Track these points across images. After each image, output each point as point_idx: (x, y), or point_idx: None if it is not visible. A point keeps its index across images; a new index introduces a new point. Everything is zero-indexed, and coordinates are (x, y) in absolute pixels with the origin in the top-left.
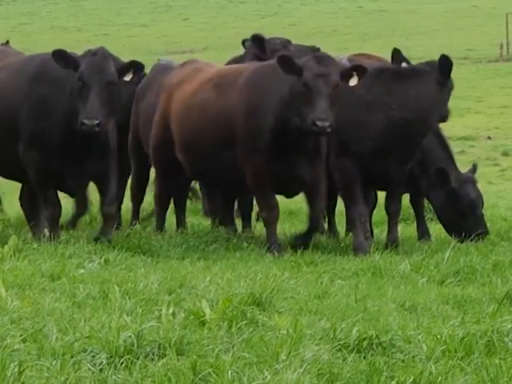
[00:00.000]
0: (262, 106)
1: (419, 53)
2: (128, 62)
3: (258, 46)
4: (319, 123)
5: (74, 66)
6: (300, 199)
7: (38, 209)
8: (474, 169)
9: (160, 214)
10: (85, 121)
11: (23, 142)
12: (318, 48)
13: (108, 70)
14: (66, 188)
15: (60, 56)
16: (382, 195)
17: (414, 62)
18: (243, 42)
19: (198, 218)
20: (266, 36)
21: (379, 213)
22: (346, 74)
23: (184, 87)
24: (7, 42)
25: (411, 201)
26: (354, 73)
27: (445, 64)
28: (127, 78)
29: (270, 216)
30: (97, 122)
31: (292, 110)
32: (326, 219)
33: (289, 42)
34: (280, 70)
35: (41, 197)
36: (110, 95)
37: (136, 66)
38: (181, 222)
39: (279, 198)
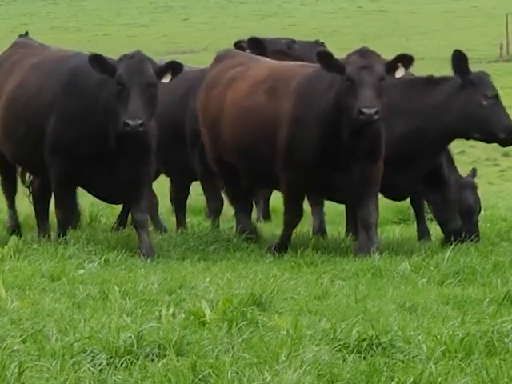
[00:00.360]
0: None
1: (419, 53)
2: (166, 63)
3: (255, 48)
4: (365, 110)
5: (110, 71)
6: None
7: (46, 208)
8: (474, 173)
9: (243, 209)
10: (128, 121)
11: (49, 145)
12: (322, 43)
13: (147, 72)
14: (101, 196)
15: (97, 61)
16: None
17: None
18: (235, 44)
19: (198, 219)
20: (267, 36)
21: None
22: (392, 67)
23: (237, 87)
24: (26, 34)
25: (411, 201)
26: (400, 64)
27: (459, 61)
28: (166, 79)
29: (293, 221)
30: (140, 121)
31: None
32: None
33: (293, 41)
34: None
35: (57, 200)
36: (150, 97)
37: (175, 67)
38: (181, 222)
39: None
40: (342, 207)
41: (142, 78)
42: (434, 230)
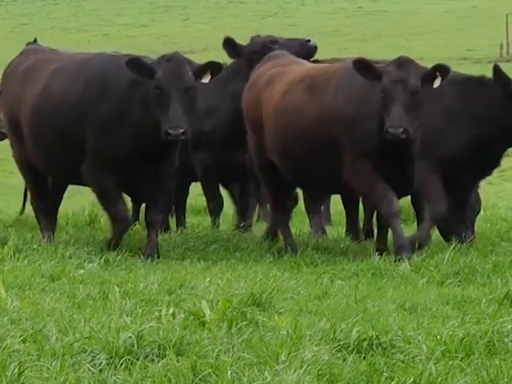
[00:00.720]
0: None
1: (419, 53)
2: (205, 64)
3: (231, 49)
4: (391, 130)
5: (148, 74)
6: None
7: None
8: None
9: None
10: (170, 131)
11: (90, 154)
12: (309, 40)
13: (186, 75)
14: (137, 196)
15: (134, 64)
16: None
17: None
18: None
19: (198, 219)
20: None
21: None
22: (429, 77)
23: (274, 87)
24: (35, 41)
25: (412, 201)
26: (437, 73)
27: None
28: (205, 80)
29: (392, 214)
30: (182, 130)
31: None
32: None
33: (273, 41)
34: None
35: (109, 212)
36: (190, 101)
37: (214, 67)
38: (181, 222)
39: None
40: (342, 207)
41: (182, 82)
42: (435, 229)
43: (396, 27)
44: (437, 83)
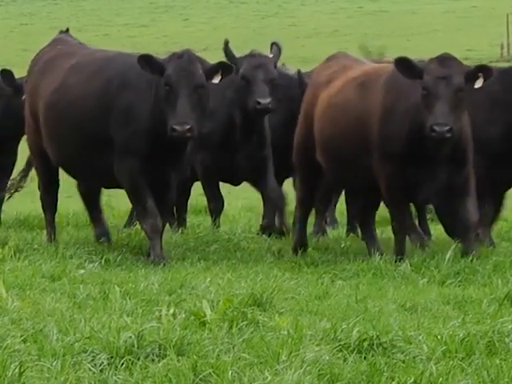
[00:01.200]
0: (398, 109)
1: (419, 53)
2: (216, 64)
3: (229, 58)
4: (437, 128)
5: (160, 71)
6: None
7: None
8: None
9: (301, 219)
10: (175, 127)
11: (118, 149)
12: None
13: (196, 72)
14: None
15: (146, 61)
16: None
17: None
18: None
19: (198, 219)
20: (267, 37)
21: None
22: (471, 76)
23: (330, 86)
24: (67, 30)
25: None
26: (480, 74)
27: None
28: (216, 80)
29: (403, 226)
30: (188, 127)
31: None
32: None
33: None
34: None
35: (137, 209)
36: (199, 99)
37: (225, 68)
38: (181, 222)
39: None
40: (343, 207)
41: (191, 80)
42: (435, 230)
43: (396, 27)
44: (478, 84)
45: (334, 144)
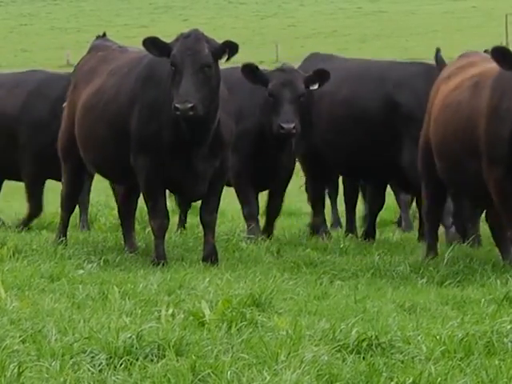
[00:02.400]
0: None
1: (418, 54)
2: (222, 43)
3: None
4: None
5: (167, 53)
6: (299, 199)
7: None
8: None
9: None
10: (177, 105)
11: (134, 143)
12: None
13: (201, 51)
14: (184, 195)
15: (152, 43)
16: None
17: None
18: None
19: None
20: (266, 36)
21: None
22: None
23: (449, 83)
24: (104, 35)
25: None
26: None
27: None
28: (223, 59)
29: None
30: (190, 105)
31: None
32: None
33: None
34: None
35: (149, 205)
36: (206, 79)
37: (231, 47)
38: (181, 222)
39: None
40: (342, 208)
41: (196, 58)
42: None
43: (395, 28)
44: None
45: (443, 145)
